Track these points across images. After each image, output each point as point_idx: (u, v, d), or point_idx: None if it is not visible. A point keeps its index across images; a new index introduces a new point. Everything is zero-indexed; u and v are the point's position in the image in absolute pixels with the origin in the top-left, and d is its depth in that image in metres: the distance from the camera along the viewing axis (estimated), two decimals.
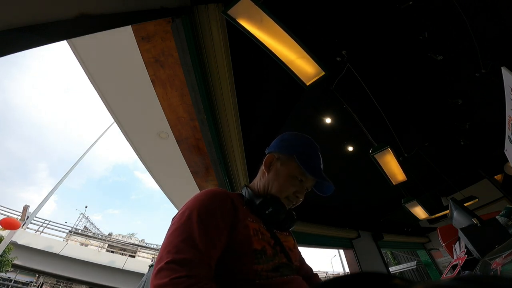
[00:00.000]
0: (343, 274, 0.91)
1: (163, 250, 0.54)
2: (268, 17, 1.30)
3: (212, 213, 0.60)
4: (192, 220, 0.57)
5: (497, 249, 1.25)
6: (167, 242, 0.55)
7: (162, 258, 0.51)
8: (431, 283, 0.20)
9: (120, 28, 1.10)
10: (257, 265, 0.58)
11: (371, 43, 2.37)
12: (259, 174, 0.80)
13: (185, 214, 0.59)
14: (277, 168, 0.76)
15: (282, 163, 0.76)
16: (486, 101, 3.08)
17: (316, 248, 5.30)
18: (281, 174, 0.74)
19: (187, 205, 0.63)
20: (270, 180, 0.75)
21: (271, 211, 0.69)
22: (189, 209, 0.60)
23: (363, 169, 3.85)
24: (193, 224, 0.56)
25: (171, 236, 0.56)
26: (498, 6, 2.10)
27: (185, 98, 1.98)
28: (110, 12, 0.98)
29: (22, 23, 0.65)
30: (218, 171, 2.63)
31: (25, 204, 8.32)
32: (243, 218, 0.63)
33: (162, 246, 0.56)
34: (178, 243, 0.53)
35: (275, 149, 0.80)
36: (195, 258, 0.52)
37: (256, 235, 0.63)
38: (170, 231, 0.58)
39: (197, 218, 0.57)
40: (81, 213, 22.38)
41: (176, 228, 0.57)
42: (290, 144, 0.79)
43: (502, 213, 2.04)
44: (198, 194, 0.66)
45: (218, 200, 0.63)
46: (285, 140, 0.81)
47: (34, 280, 10.87)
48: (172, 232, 0.56)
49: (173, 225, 0.59)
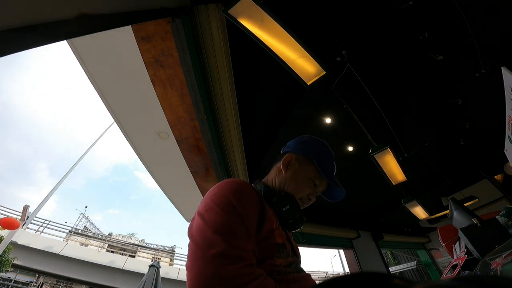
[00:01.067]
0: (343, 274, 0.91)
1: (212, 231, 0.50)
2: (268, 17, 1.30)
3: (248, 200, 0.59)
4: (233, 203, 0.55)
5: (497, 249, 1.25)
6: (215, 223, 0.51)
7: (214, 240, 0.48)
8: (431, 283, 0.20)
9: (120, 28, 1.10)
10: (278, 259, 0.58)
11: (371, 43, 2.37)
12: (275, 171, 0.80)
13: (223, 197, 0.56)
14: (296, 168, 0.76)
15: (301, 164, 0.77)
16: (486, 101, 3.08)
17: (316, 248, 5.30)
18: (299, 175, 0.75)
19: (220, 190, 0.60)
20: (287, 179, 0.75)
21: (288, 209, 0.69)
22: (225, 193, 0.58)
23: (363, 169, 3.85)
24: (237, 207, 0.55)
25: (217, 217, 0.53)
26: (498, 6, 2.10)
27: (185, 98, 1.98)
28: (110, 12, 0.98)
29: (22, 23, 0.65)
30: (218, 171, 2.63)
31: (25, 204, 8.32)
32: (267, 210, 0.63)
33: (204, 226, 0.52)
34: (229, 224, 0.51)
35: (294, 149, 0.81)
36: (250, 245, 0.51)
37: (278, 229, 0.63)
38: (211, 212, 0.54)
39: (239, 202, 0.56)
40: (81, 213, 22.38)
41: (219, 210, 0.54)
42: (310, 147, 0.80)
43: (502, 213, 2.04)
44: (226, 181, 0.63)
45: (248, 189, 0.62)
46: (305, 143, 0.82)
47: (34, 280, 10.87)
48: (216, 213, 0.53)
49: (211, 207, 0.56)
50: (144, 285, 4.62)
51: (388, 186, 2.95)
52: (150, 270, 4.93)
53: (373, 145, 2.53)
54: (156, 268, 4.98)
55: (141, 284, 4.71)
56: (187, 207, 4.62)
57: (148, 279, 4.72)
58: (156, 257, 12.52)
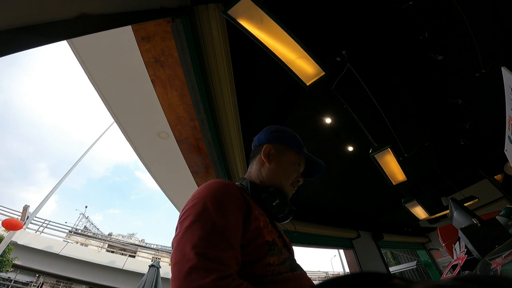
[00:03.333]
0: (343, 274, 0.92)
1: (186, 244, 0.47)
2: (268, 17, 1.30)
3: (229, 204, 0.56)
4: (210, 211, 0.52)
5: (497, 249, 1.25)
6: (190, 236, 0.48)
7: (187, 255, 0.45)
8: (431, 283, 0.20)
9: (120, 28, 1.10)
10: (271, 257, 0.57)
11: (371, 43, 2.37)
12: (257, 165, 0.79)
13: (200, 205, 0.54)
14: (277, 157, 0.78)
15: (279, 152, 0.79)
16: (486, 101, 3.08)
17: (316, 248, 5.30)
18: (282, 162, 0.77)
19: (200, 196, 0.57)
20: (274, 169, 0.76)
21: (278, 203, 0.70)
22: (203, 200, 0.55)
23: (363, 169, 3.85)
24: (214, 215, 0.52)
25: (192, 229, 0.50)
26: (498, 6, 2.10)
27: (185, 98, 1.98)
28: (110, 12, 0.98)
29: (22, 23, 0.65)
30: (218, 171, 2.62)
31: (25, 204, 8.32)
32: (253, 210, 0.62)
33: (181, 240, 0.49)
34: (204, 236, 0.48)
35: (267, 140, 0.82)
36: (228, 254, 0.48)
37: (266, 227, 0.62)
38: (187, 223, 0.51)
39: (216, 209, 0.53)
40: (81, 213, 22.38)
41: (195, 220, 0.51)
42: (281, 135, 0.83)
43: (502, 213, 2.04)
44: (208, 185, 0.61)
45: (231, 191, 0.60)
46: (275, 132, 0.84)
47: (34, 280, 10.86)
48: (192, 224, 0.50)
49: (188, 216, 0.53)
50: (144, 285, 4.62)
51: (388, 186, 2.95)
52: (150, 270, 4.93)
53: (373, 145, 2.53)
54: (156, 268, 4.98)
55: (141, 284, 4.71)
56: None
57: (148, 279, 4.72)
58: (156, 257, 12.52)
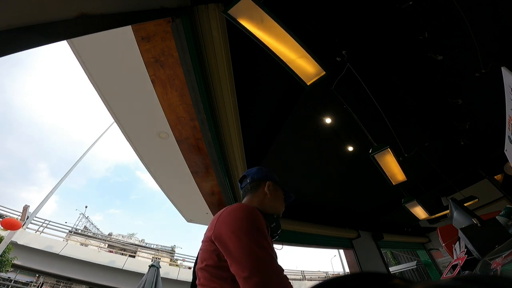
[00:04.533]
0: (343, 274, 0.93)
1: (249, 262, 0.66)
2: (268, 17, 1.30)
3: (263, 224, 0.78)
4: (260, 230, 0.74)
5: (497, 249, 1.25)
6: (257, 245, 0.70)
7: (265, 258, 0.68)
8: (431, 283, 0.20)
9: (120, 28, 1.10)
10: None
11: (371, 43, 2.37)
12: (260, 197, 1.02)
13: (250, 226, 0.74)
14: (274, 191, 1.03)
15: (275, 187, 1.04)
16: (486, 101, 3.08)
17: (316, 248, 5.30)
18: (278, 195, 1.03)
19: (241, 218, 0.76)
20: (273, 200, 1.00)
21: (275, 225, 0.91)
22: (247, 221, 0.75)
23: (363, 169, 3.85)
24: (264, 234, 0.74)
25: (252, 247, 0.69)
26: (498, 6, 2.10)
27: (185, 98, 1.98)
28: (110, 12, 0.98)
29: (22, 23, 0.65)
30: (218, 171, 2.62)
31: (25, 204, 8.33)
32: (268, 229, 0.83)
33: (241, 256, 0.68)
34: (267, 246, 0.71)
35: (266, 178, 1.06)
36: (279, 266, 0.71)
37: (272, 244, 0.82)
38: (250, 236, 0.72)
39: (262, 228, 0.76)
40: (81, 213, 22.38)
41: (251, 239, 0.71)
42: (271, 174, 1.08)
43: (502, 213, 2.04)
44: (240, 209, 0.80)
45: (260, 215, 0.80)
46: (269, 172, 1.09)
47: (34, 280, 10.86)
48: (249, 243, 0.70)
49: (243, 230, 0.73)
50: (144, 285, 4.62)
51: (388, 186, 2.94)
52: (150, 270, 4.93)
53: (373, 145, 2.53)
54: (156, 268, 4.98)
55: (141, 284, 4.71)
56: (187, 207, 4.62)
57: (148, 279, 4.72)
58: (156, 257, 12.52)
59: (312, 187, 4.09)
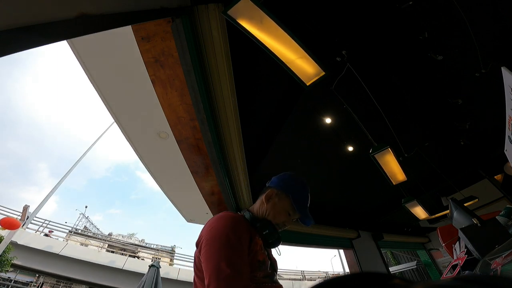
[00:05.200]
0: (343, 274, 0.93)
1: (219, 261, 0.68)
2: (268, 17, 1.30)
3: (241, 234, 0.78)
4: (231, 239, 0.74)
5: (497, 249, 1.25)
6: (221, 255, 0.70)
7: (222, 268, 0.67)
8: (431, 283, 0.20)
9: (120, 28, 1.10)
10: (258, 272, 0.78)
11: (371, 43, 2.37)
12: (259, 203, 0.99)
13: (223, 234, 0.75)
14: (275, 202, 0.96)
15: (280, 199, 0.97)
16: (486, 101, 3.08)
17: (316, 248, 5.30)
18: (277, 207, 0.95)
19: (221, 226, 0.78)
20: (267, 210, 0.95)
21: (267, 233, 0.89)
22: (225, 230, 0.76)
23: (363, 169, 3.85)
24: (234, 242, 0.74)
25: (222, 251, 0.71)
26: (498, 6, 2.10)
27: (185, 98, 1.98)
28: (110, 12, 0.98)
29: (22, 23, 0.65)
30: (218, 171, 2.62)
31: (25, 204, 8.32)
32: (254, 236, 0.83)
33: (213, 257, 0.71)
34: (231, 257, 0.70)
35: (275, 185, 1.00)
36: (246, 269, 0.72)
37: (261, 250, 0.83)
38: (217, 246, 0.73)
39: (235, 238, 0.75)
40: (81, 213, 22.37)
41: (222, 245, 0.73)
42: (288, 185, 0.99)
43: (502, 213, 2.03)
44: (225, 217, 0.82)
45: (241, 224, 0.82)
46: (285, 181, 1.01)
47: (34, 280, 10.85)
48: (221, 248, 0.72)
49: (215, 242, 0.74)
50: (144, 285, 4.62)
51: (388, 186, 2.94)
52: (150, 270, 4.93)
53: (373, 145, 2.53)
54: (156, 268, 4.98)
55: (141, 284, 4.71)
56: (187, 207, 4.62)
57: (148, 279, 4.72)
58: (156, 257, 12.52)
59: (312, 187, 4.08)
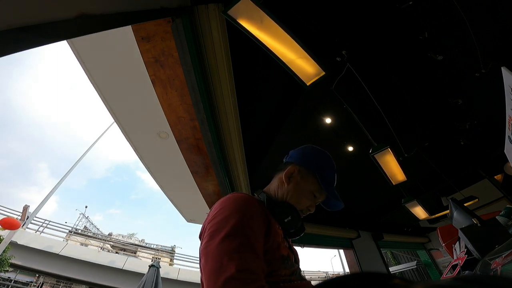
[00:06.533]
0: (343, 274, 0.92)
1: (223, 255, 0.51)
2: (268, 17, 1.30)
3: (255, 219, 0.60)
4: (241, 225, 0.56)
5: (497, 249, 1.25)
6: (225, 247, 0.53)
7: (224, 265, 0.49)
8: (431, 283, 0.20)
9: (120, 28, 1.10)
10: (284, 270, 0.61)
11: (371, 43, 2.37)
12: (277, 182, 0.80)
13: (231, 218, 0.57)
14: (298, 181, 0.77)
15: (302, 177, 0.77)
16: (486, 101, 3.08)
17: (316, 248, 5.30)
18: (300, 188, 0.76)
19: (228, 209, 0.61)
20: (289, 191, 0.76)
21: (289, 220, 0.71)
22: (233, 213, 0.59)
23: (363, 169, 3.85)
24: (245, 229, 0.56)
25: (226, 241, 0.53)
26: (498, 6, 2.10)
27: (185, 98, 1.98)
28: (110, 12, 0.98)
29: (22, 23, 0.65)
30: (218, 171, 2.63)
31: (25, 204, 8.32)
32: (273, 224, 0.65)
33: (215, 250, 0.53)
34: (238, 249, 0.52)
35: (296, 161, 0.81)
36: (259, 264, 0.52)
37: (283, 242, 0.66)
38: (221, 235, 0.55)
39: (246, 223, 0.57)
40: (81, 213, 22.35)
41: (229, 233, 0.55)
42: (312, 160, 0.80)
43: (502, 213, 2.03)
44: (233, 198, 0.64)
45: (255, 206, 0.64)
46: (307, 155, 0.82)
47: (34, 280, 10.85)
48: (226, 237, 0.54)
49: (220, 228, 0.56)
50: (144, 285, 4.62)
51: (388, 186, 2.94)
52: (150, 270, 4.93)
53: (373, 145, 2.53)
54: (156, 268, 4.98)
55: (141, 284, 4.71)
56: (187, 207, 4.62)
57: (148, 279, 4.71)
58: (156, 257, 12.52)
59: None
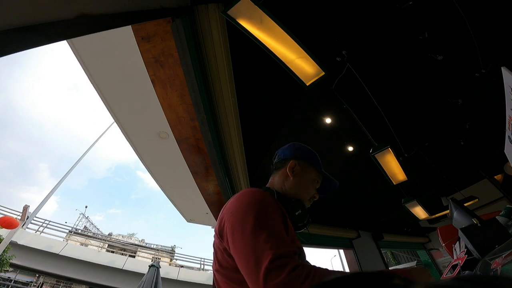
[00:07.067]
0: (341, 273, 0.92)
1: (254, 250, 0.53)
2: (268, 17, 1.30)
3: (275, 211, 0.63)
4: (265, 217, 0.59)
5: (497, 249, 1.24)
6: (254, 243, 0.54)
7: (259, 259, 0.51)
8: (431, 283, 0.20)
9: (120, 28, 1.10)
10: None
11: (371, 43, 2.37)
12: (279, 178, 0.86)
13: (252, 213, 0.60)
14: (300, 173, 0.85)
15: (303, 168, 0.86)
16: (486, 101, 3.08)
17: (316, 248, 5.29)
18: (305, 178, 0.85)
19: (250, 203, 0.63)
20: (296, 184, 0.83)
21: (300, 213, 0.77)
22: (252, 208, 0.61)
23: (363, 169, 3.85)
24: (270, 221, 0.59)
25: (253, 236, 0.55)
26: (498, 6, 2.10)
27: (185, 98, 1.98)
28: (110, 12, 0.98)
29: (22, 23, 0.65)
30: (218, 171, 2.62)
31: (25, 204, 8.31)
32: (287, 219, 0.68)
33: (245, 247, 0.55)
34: (267, 240, 0.54)
35: (292, 156, 0.88)
36: (291, 249, 0.55)
37: (295, 235, 0.70)
38: (247, 231, 0.57)
39: (270, 215, 0.61)
40: (81, 213, 22.35)
41: (253, 228, 0.57)
42: (305, 152, 0.90)
43: (502, 213, 2.03)
44: (250, 193, 0.67)
45: (272, 200, 0.67)
46: (300, 149, 0.91)
47: (34, 280, 10.85)
48: (254, 229, 0.56)
49: (242, 225, 0.59)
50: (144, 285, 4.62)
51: (388, 186, 2.94)
52: (150, 270, 4.93)
53: (373, 145, 2.53)
54: (156, 268, 4.98)
55: (141, 284, 4.71)
56: (187, 207, 4.62)
57: (148, 279, 4.71)
58: (156, 257, 12.52)
59: None
